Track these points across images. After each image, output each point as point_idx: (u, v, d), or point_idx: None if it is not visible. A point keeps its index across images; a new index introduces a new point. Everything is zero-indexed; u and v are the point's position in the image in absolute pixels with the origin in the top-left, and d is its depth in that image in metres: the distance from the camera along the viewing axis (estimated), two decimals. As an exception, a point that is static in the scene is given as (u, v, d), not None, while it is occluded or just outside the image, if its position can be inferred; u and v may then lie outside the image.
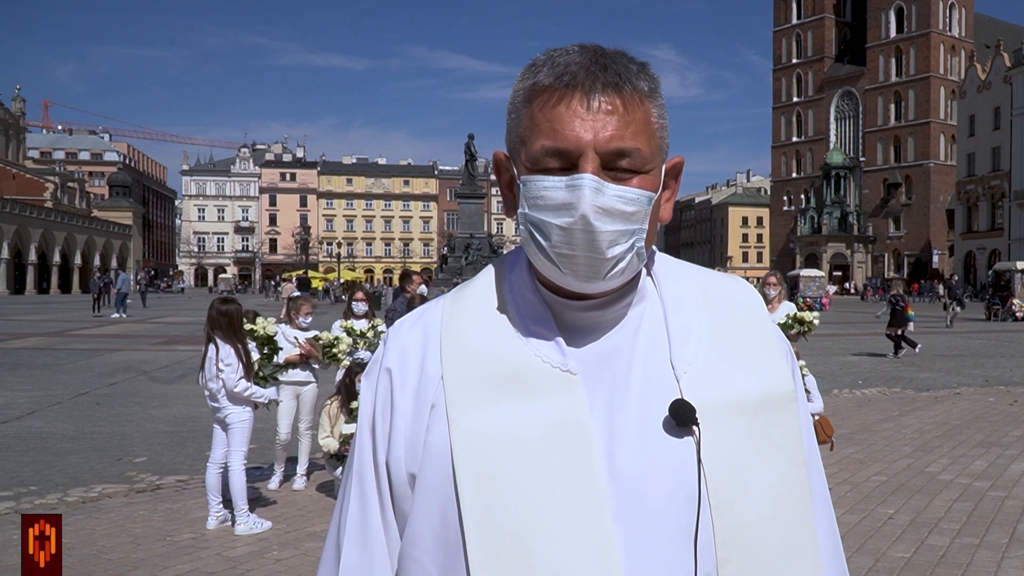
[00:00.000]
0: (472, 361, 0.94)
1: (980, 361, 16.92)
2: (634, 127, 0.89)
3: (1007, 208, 63.99)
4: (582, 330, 0.96)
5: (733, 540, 0.90)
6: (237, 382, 5.43)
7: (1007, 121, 64.01)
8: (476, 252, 38.38)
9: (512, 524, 0.87)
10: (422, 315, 1.03)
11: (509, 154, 0.97)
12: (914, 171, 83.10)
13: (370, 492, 0.97)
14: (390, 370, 0.98)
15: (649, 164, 0.91)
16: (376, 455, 0.97)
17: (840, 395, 11.61)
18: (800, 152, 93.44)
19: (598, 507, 0.86)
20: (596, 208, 0.87)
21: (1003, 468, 7.12)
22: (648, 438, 0.90)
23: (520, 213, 0.93)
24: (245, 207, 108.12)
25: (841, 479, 6.69)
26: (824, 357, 16.81)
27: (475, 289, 1.02)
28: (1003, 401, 11.14)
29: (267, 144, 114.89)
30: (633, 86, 0.90)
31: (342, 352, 6.63)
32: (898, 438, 8.50)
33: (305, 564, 4.76)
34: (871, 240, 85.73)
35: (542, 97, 0.90)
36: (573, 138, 0.88)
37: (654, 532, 0.87)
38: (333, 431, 6.22)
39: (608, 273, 0.90)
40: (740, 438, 0.92)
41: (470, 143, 40.40)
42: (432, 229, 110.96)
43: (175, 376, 13.24)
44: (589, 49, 0.92)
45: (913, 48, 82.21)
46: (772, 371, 0.98)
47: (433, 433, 0.92)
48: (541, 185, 0.90)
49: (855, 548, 4.97)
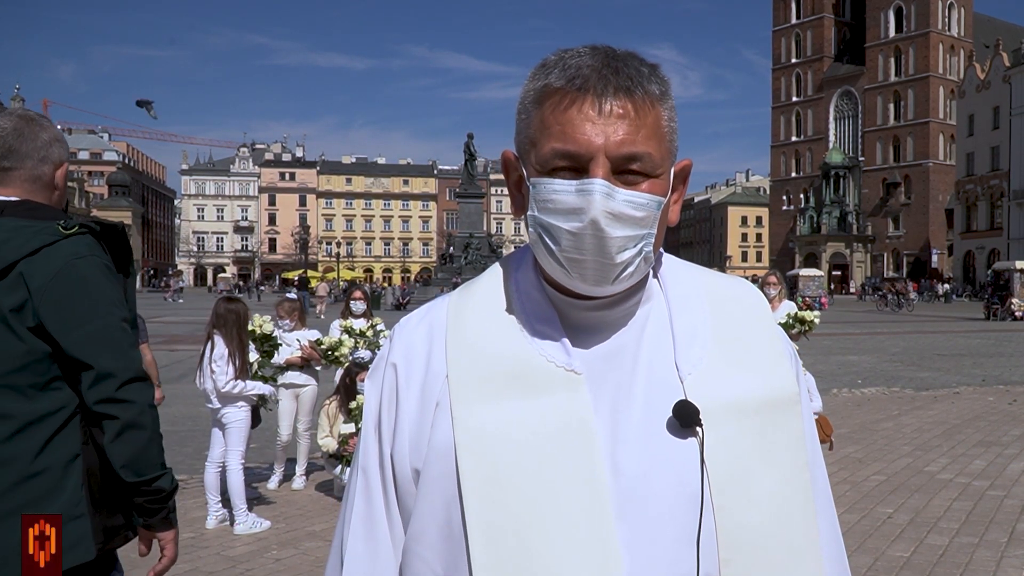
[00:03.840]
0: (477, 359, 0.94)
1: (979, 360, 16.93)
2: (645, 131, 0.89)
3: (1006, 207, 64.04)
4: (587, 330, 0.96)
5: (735, 541, 0.89)
6: (227, 382, 5.38)
7: (1006, 121, 64.07)
8: (475, 252, 38.38)
9: (515, 523, 0.87)
10: (428, 312, 1.02)
11: (518, 154, 0.96)
12: (913, 171, 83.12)
13: (375, 486, 0.97)
14: (396, 366, 0.98)
15: (659, 168, 0.91)
16: (381, 450, 0.97)
17: (840, 394, 11.61)
18: (799, 152, 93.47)
19: (601, 507, 0.86)
20: (606, 213, 0.87)
21: (1002, 467, 7.12)
22: (652, 439, 0.90)
23: (529, 215, 0.93)
24: (244, 207, 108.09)
25: (841, 478, 6.70)
26: (824, 357, 16.81)
27: (481, 287, 1.01)
28: (1002, 400, 11.15)
29: (266, 144, 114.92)
30: (645, 90, 0.90)
31: (344, 356, 6.63)
32: (897, 437, 8.51)
33: (304, 563, 4.76)
34: (870, 240, 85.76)
35: (553, 99, 0.90)
36: (584, 142, 0.87)
37: (656, 532, 0.87)
38: (332, 431, 6.22)
39: (617, 277, 0.90)
40: (744, 440, 0.92)
41: (470, 143, 40.40)
42: (431, 229, 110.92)
43: (175, 376, 13.23)
44: (600, 51, 0.91)
45: (912, 48, 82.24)
46: (776, 373, 0.98)
47: (437, 430, 0.92)
48: (551, 188, 0.89)
49: (854, 547, 4.97)
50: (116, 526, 1.86)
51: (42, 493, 1.72)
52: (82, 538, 1.75)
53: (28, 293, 1.72)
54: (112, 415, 1.76)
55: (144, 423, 1.79)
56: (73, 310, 1.74)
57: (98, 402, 1.75)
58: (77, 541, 1.74)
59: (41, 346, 1.73)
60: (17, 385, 1.71)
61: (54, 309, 1.73)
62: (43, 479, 1.72)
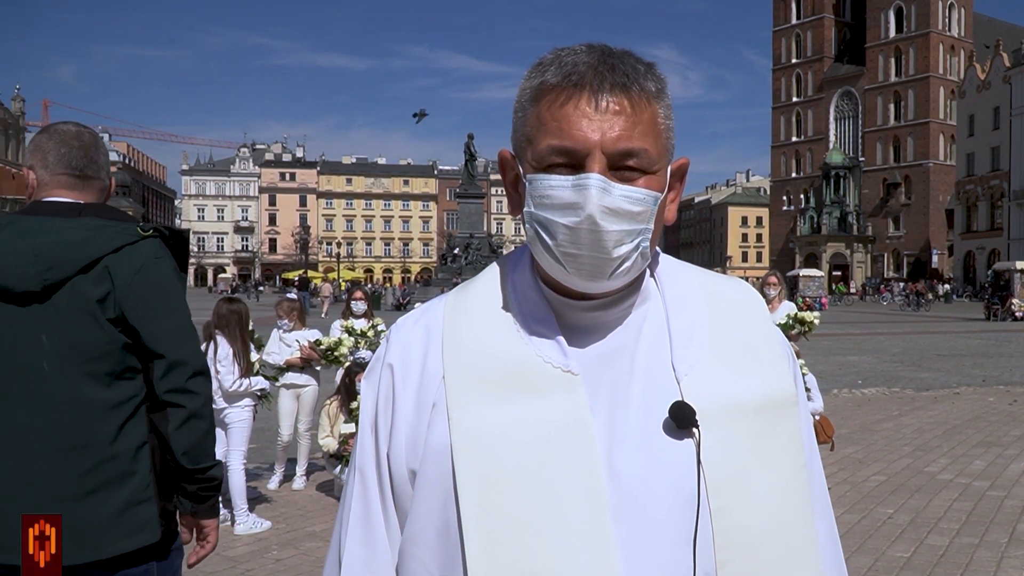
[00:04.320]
0: (473, 360, 0.94)
1: (980, 361, 16.93)
2: (641, 127, 0.89)
3: (1006, 208, 64.03)
4: (584, 330, 0.96)
5: (733, 543, 0.89)
6: (234, 382, 5.43)
7: (1006, 121, 64.06)
8: (476, 252, 38.37)
9: (511, 524, 0.86)
10: (425, 313, 1.02)
11: (515, 153, 0.96)
12: (913, 171, 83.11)
13: (371, 487, 0.97)
14: (392, 366, 0.98)
15: (656, 165, 0.91)
16: (378, 451, 0.97)
17: (840, 395, 11.61)
18: (800, 152, 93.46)
19: (597, 508, 0.86)
20: (603, 208, 0.87)
21: (1002, 468, 7.12)
22: (648, 440, 0.90)
23: (526, 212, 0.93)
24: (245, 207, 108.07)
25: (841, 479, 6.70)
26: (824, 357, 16.81)
27: (478, 288, 1.01)
28: (1002, 401, 11.14)
29: (267, 144, 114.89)
30: (641, 86, 0.90)
31: (343, 356, 6.63)
32: (898, 438, 8.50)
33: (305, 564, 4.76)
34: (871, 240, 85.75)
35: (549, 96, 0.90)
36: (580, 137, 0.87)
37: (653, 533, 0.87)
38: (333, 431, 6.22)
39: (613, 273, 0.90)
40: (741, 440, 0.92)
41: (470, 143, 40.40)
42: (432, 229, 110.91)
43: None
44: (597, 49, 0.91)
45: (912, 48, 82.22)
46: (773, 374, 0.98)
47: (434, 431, 0.92)
48: (547, 184, 0.89)
49: (855, 548, 4.97)
50: (172, 511, 1.98)
51: (117, 476, 1.83)
52: (149, 521, 1.86)
53: (112, 286, 1.85)
54: (180, 404, 1.89)
55: (206, 414, 1.94)
56: (153, 304, 1.89)
57: (168, 391, 1.89)
58: (145, 524, 1.86)
59: (119, 336, 1.86)
60: (97, 372, 1.83)
61: (136, 302, 1.87)
62: (118, 463, 1.83)
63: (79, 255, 1.84)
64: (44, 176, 2.03)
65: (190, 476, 1.93)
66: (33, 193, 2.05)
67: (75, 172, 2.03)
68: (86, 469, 1.79)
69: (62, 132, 2.06)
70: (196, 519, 2.02)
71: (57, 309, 1.82)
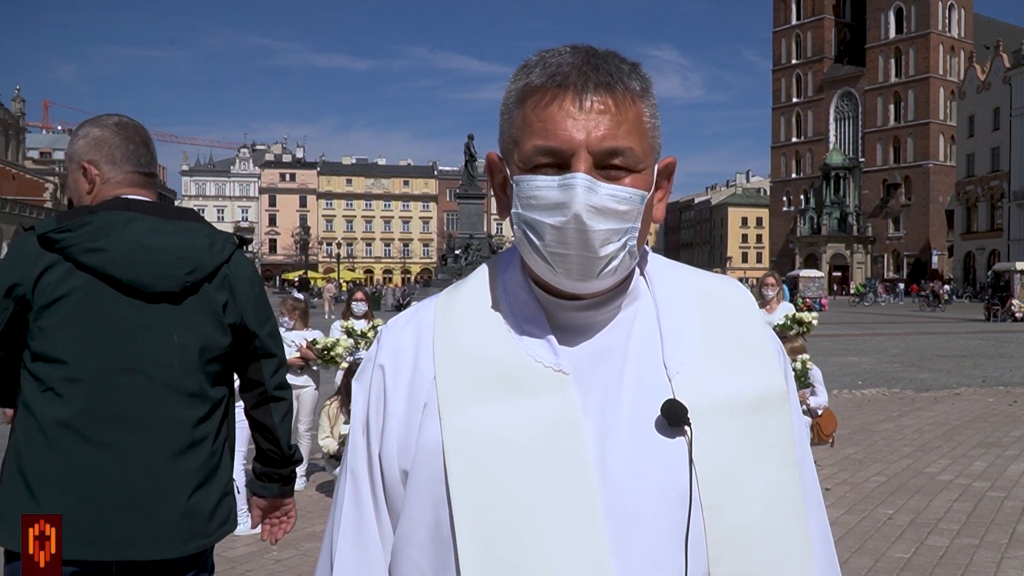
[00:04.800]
0: (464, 360, 0.94)
1: (979, 361, 16.92)
2: (626, 126, 0.89)
3: (1006, 208, 64.01)
4: (575, 330, 0.96)
5: (725, 540, 0.89)
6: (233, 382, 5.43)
7: (1006, 122, 64.04)
8: (476, 253, 38.33)
9: (503, 524, 0.86)
10: (416, 313, 1.02)
11: (502, 155, 0.97)
12: (913, 171, 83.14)
13: (363, 488, 0.97)
14: (383, 367, 0.98)
15: (642, 163, 0.91)
16: (369, 451, 0.97)
17: (840, 395, 11.60)
18: (800, 152, 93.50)
19: (590, 507, 0.86)
20: (589, 207, 0.87)
21: (1002, 468, 7.12)
22: (640, 438, 0.90)
23: (513, 213, 0.93)
24: (245, 207, 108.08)
25: (841, 479, 6.70)
26: (824, 357, 16.80)
27: (468, 288, 1.01)
28: (1002, 401, 11.14)
29: (267, 144, 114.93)
30: (625, 86, 0.90)
31: (339, 356, 6.63)
32: (898, 438, 8.50)
33: (305, 564, 4.77)
34: (871, 240, 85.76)
35: (534, 97, 0.90)
36: (565, 137, 0.88)
37: (646, 532, 0.87)
38: (333, 432, 6.22)
39: (601, 272, 0.90)
40: (732, 438, 0.92)
41: (470, 143, 40.36)
42: (432, 229, 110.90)
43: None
44: (581, 49, 0.92)
45: (912, 49, 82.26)
46: (764, 372, 0.98)
47: (425, 431, 0.92)
48: (534, 184, 0.89)
49: (855, 548, 4.97)
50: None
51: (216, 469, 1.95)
52: (231, 512, 2.01)
53: (231, 294, 1.98)
54: (284, 398, 2.11)
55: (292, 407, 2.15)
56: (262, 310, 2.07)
57: (277, 387, 2.09)
58: (229, 515, 2.00)
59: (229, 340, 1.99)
60: (210, 372, 1.95)
61: (252, 309, 2.03)
62: (219, 457, 1.97)
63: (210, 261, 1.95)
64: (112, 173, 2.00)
65: (288, 461, 2.14)
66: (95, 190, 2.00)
67: (144, 170, 2.04)
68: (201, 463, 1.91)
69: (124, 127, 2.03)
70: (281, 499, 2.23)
71: (190, 311, 1.91)
